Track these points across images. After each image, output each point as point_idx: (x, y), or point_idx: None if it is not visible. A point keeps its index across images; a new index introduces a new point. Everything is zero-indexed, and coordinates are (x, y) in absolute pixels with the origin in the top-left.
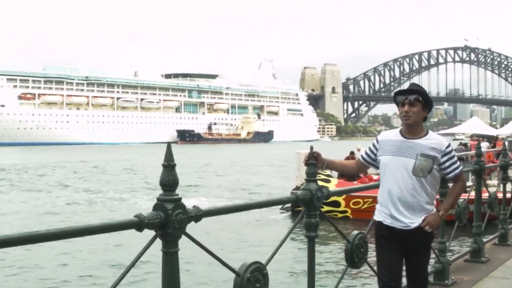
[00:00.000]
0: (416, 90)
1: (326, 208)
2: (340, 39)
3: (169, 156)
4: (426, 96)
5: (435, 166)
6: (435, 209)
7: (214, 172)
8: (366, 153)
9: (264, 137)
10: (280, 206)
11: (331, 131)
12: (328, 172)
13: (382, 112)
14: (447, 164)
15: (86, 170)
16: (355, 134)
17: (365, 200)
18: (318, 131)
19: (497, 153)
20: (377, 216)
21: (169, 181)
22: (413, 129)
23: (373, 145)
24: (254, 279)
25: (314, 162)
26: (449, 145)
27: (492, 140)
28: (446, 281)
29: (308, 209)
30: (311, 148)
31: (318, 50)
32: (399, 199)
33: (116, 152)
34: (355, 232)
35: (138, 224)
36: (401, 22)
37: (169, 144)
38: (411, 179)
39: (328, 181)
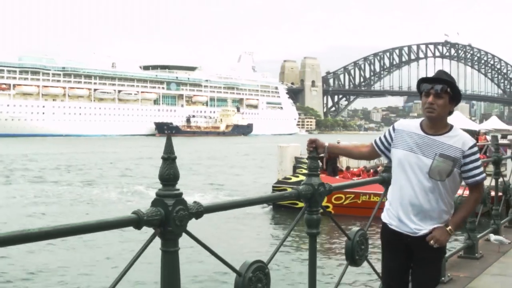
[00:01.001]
0: (445, 79)
1: None
2: (320, 33)
3: (169, 148)
4: (455, 87)
5: (455, 169)
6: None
7: (196, 165)
8: (380, 140)
9: (243, 130)
10: None
11: (311, 124)
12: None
13: (361, 106)
14: (469, 167)
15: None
16: (335, 128)
17: (347, 195)
18: (298, 124)
19: (479, 148)
20: (384, 217)
21: (169, 175)
22: (436, 123)
23: (389, 132)
24: (256, 279)
25: (315, 155)
26: (474, 145)
27: (475, 135)
28: (443, 278)
29: (310, 205)
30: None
31: (298, 43)
32: (410, 203)
33: (104, 145)
34: (355, 228)
35: (137, 221)
36: (381, 16)
37: (169, 136)
38: (427, 181)
39: None
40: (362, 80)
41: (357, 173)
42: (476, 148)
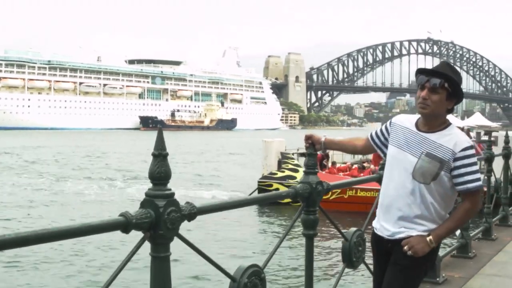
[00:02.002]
0: (444, 73)
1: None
2: (304, 29)
3: (160, 143)
4: (454, 83)
5: (443, 172)
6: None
7: (182, 160)
8: (377, 134)
9: (227, 124)
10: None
11: (294, 120)
12: (296, 161)
13: (345, 102)
14: (460, 171)
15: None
16: (318, 123)
17: (333, 191)
18: (281, 119)
19: None
20: (374, 220)
21: (160, 173)
22: (430, 121)
23: (385, 127)
24: (252, 284)
25: (313, 152)
26: (468, 147)
27: None
28: (438, 279)
29: (307, 205)
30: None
31: (283, 39)
32: (391, 205)
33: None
34: (353, 229)
35: (125, 224)
36: (365, 13)
37: (160, 130)
38: (409, 183)
39: (296, 171)
40: (345, 76)
41: (344, 168)
42: (471, 151)
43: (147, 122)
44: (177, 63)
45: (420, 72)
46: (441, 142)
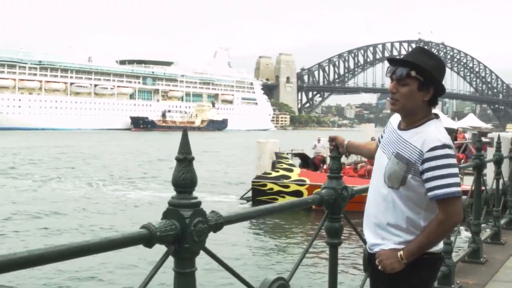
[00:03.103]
0: (410, 61)
1: (288, 198)
2: (295, 29)
3: (185, 146)
4: (423, 70)
5: (411, 175)
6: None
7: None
8: (380, 135)
9: (218, 125)
10: (240, 196)
11: (285, 120)
12: (290, 161)
13: (335, 103)
14: (428, 175)
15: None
16: (309, 124)
17: None
18: (272, 120)
19: (458, 146)
20: None
21: (185, 180)
22: (406, 117)
23: (386, 127)
24: None
25: (338, 155)
26: (438, 147)
27: (453, 133)
28: (453, 286)
29: (332, 212)
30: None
31: (274, 40)
32: (368, 210)
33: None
34: None
35: (148, 238)
36: (356, 14)
37: (185, 131)
38: (382, 187)
39: (291, 170)
40: (336, 76)
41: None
42: (442, 151)
43: (138, 123)
44: (168, 63)
45: (389, 62)
46: (411, 141)
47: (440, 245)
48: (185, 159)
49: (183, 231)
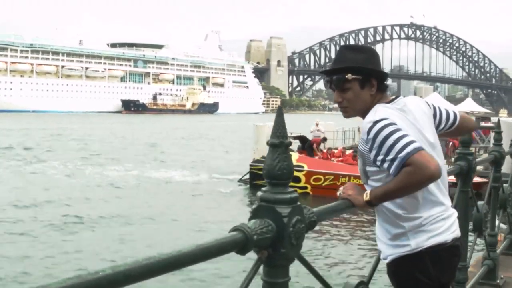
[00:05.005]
0: (339, 68)
1: None
2: (286, 13)
3: (280, 128)
4: (357, 68)
5: (368, 167)
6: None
7: (174, 145)
8: None
9: (209, 108)
10: (238, 178)
11: (276, 104)
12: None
13: None
14: (378, 158)
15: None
16: (300, 108)
17: (326, 177)
18: (263, 104)
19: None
20: None
21: (282, 169)
22: (363, 116)
23: None
24: None
25: None
26: (371, 126)
27: None
28: (498, 281)
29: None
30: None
31: (265, 23)
32: None
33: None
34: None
35: (243, 242)
36: None
37: (280, 110)
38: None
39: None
40: (327, 60)
41: (337, 154)
42: (376, 128)
43: (129, 106)
44: (159, 46)
45: (323, 73)
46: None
47: (440, 236)
48: (281, 144)
49: (280, 233)
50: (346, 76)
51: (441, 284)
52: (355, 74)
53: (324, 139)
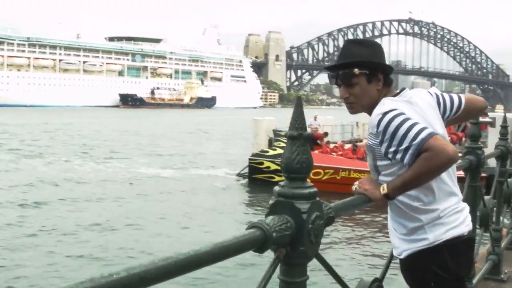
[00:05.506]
0: (345, 63)
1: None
2: (285, 7)
3: (299, 119)
4: (364, 62)
5: (379, 161)
6: (423, 238)
7: (171, 139)
8: None
9: (207, 102)
10: (236, 172)
11: (274, 98)
12: (285, 139)
13: (324, 81)
14: (390, 150)
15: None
16: None
17: (326, 171)
18: (261, 98)
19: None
20: None
21: (301, 163)
22: (370, 112)
23: None
24: None
25: None
26: (380, 119)
27: None
28: (502, 276)
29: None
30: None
31: (263, 17)
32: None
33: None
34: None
35: (262, 240)
36: None
37: (299, 100)
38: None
39: None
40: (325, 55)
41: (337, 149)
42: (385, 121)
43: (127, 100)
44: (157, 40)
45: (328, 70)
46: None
47: (457, 229)
48: (300, 136)
49: (299, 230)
50: (354, 70)
51: (459, 278)
52: (362, 68)
53: (326, 134)
